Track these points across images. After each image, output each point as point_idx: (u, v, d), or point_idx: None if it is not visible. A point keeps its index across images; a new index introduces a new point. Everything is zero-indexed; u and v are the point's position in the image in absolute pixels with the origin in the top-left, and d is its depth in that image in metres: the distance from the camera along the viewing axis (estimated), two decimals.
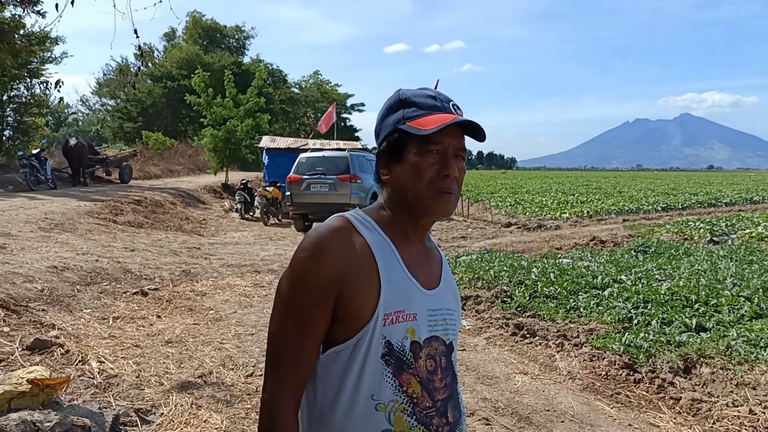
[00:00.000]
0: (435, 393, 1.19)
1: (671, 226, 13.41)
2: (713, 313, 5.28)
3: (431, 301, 1.23)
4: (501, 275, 6.96)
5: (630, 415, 3.80)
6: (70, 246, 7.83)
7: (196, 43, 47.51)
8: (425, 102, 1.22)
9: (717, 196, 25.09)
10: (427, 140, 1.18)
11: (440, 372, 1.20)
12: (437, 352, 1.21)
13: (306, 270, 1.14)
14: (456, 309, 1.32)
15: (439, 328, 1.23)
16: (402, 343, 1.15)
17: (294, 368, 1.14)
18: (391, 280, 1.17)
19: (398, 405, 1.14)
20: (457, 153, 1.22)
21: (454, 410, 1.22)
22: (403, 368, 1.15)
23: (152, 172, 24.88)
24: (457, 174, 1.21)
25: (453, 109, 1.22)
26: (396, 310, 1.15)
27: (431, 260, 1.31)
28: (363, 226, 1.21)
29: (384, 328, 1.14)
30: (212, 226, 14.10)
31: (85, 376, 3.81)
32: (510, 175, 71.77)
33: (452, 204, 1.22)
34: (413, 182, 1.20)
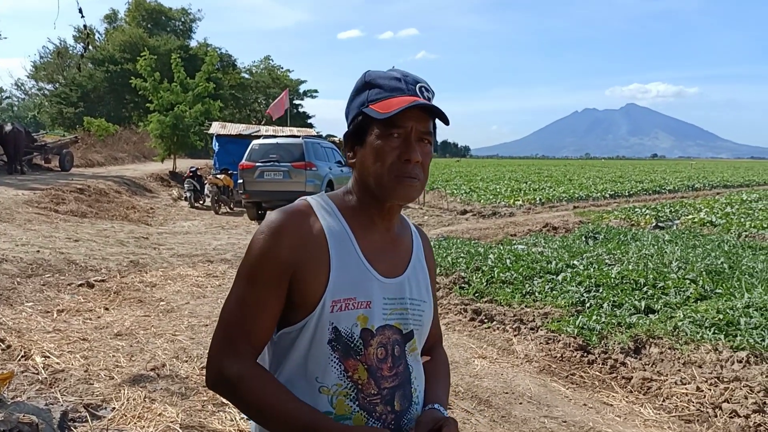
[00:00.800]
0: (382, 381, 1.18)
1: (619, 212, 13.88)
2: (661, 295, 5.48)
3: (390, 289, 1.22)
4: (458, 262, 7.02)
5: (585, 395, 3.90)
6: (8, 237, 7.42)
7: (139, 25, 45.74)
8: (389, 84, 1.19)
9: (661, 183, 26.19)
10: (389, 123, 1.16)
11: (391, 361, 1.20)
12: (390, 340, 1.20)
13: (262, 251, 1.16)
14: (426, 300, 1.30)
15: (395, 316, 1.22)
16: (351, 329, 1.16)
17: (242, 334, 1.16)
18: (343, 267, 1.17)
19: (342, 389, 1.16)
20: (421, 137, 1.19)
21: (402, 399, 1.21)
22: (350, 354, 1.16)
23: (95, 160, 23.83)
24: (421, 159, 1.18)
25: (419, 92, 1.19)
26: (346, 297, 1.16)
27: (398, 248, 1.29)
28: (324, 211, 1.21)
29: (332, 314, 1.15)
30: (160, 215, 13.66)
31: (28, 372, 3.61)
32: (464, 163, 72.68)
33: (415, 189, 1.20)
34: (374, 166, 1.18)
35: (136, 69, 20.09)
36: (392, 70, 1.23)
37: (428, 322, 1.31)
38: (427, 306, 1.30)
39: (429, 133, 1.20)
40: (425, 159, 1.19)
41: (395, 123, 1.16)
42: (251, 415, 1.18)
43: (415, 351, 1.26)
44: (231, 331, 1.17)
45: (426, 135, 1.19)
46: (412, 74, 1.23)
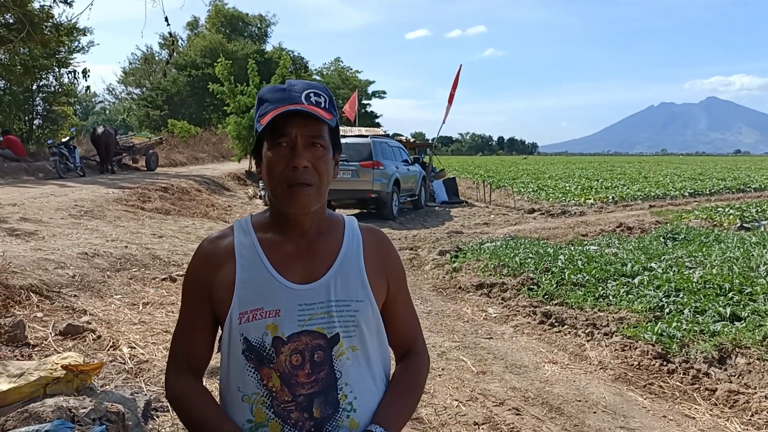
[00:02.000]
0: (297, 387, 1.19)
1: (700, 212, 13.11)
2: (748, 301, 5.13)
3: (305, 295, 1.23)
4: (527, 262, 6.87)
5: (664, 406, 3.72)
6: (100, 233, 7.95)
7: (218, 31, 47.71)
8: (273, 96, 1.22)
9: (746, 181, 24.45)
10: (274, 134, 1.19)
11: (309, 367, 1.20)
12: (308, 346, 1.20)
13: (186, 275, 1.32)
14: (362, 299, 1.26)
15: (316, 321, 1.22)
16: (262, 339, 1.20)
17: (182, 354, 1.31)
18: (248, 280, 1.23)
19: (259, 397, 1.21)
20: (310, 141, 1.20)
21: (323, 406, 1.20)
22: (264, 363, 1.21)
23: (178, 160, 25.15)
24: (309, 164, 1.19)
25: (305, 98, 1.20)
26: (253, 308, 1.21)
27: (315, 252, 1.28)
28: (241, 230, 1.30)
29: (240, 326, 1.20)
30: (237, 212, 14.20)
31: (116, 362, 3.86)
32: (531, 160, 70.98)
33: (307, 196, 1.21)
34: (268, 177, 1.22)
35: (215, 73, 20.98)
36: (283, 83, 1.26)
37: (369, 321, 1.27)
38: (364, 305, 1.26)
39: (318, 137, 1.21)
40: (317, 163, 1.20)
41: (280, 132, 1.19)
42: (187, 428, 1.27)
43: (345, 355, 1.23)
44: (174, 348, 1.33)
45: (315, 139, 1.20)
46: (304, 82, 1.26)
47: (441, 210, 15.68)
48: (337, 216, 1.38)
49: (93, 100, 55.64)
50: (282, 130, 1.19)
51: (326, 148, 1.24)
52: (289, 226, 1.28)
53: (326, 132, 1.24)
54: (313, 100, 1.22)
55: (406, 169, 13.54)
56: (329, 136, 1.25)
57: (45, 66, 20.19)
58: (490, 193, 18.37)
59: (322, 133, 1.23)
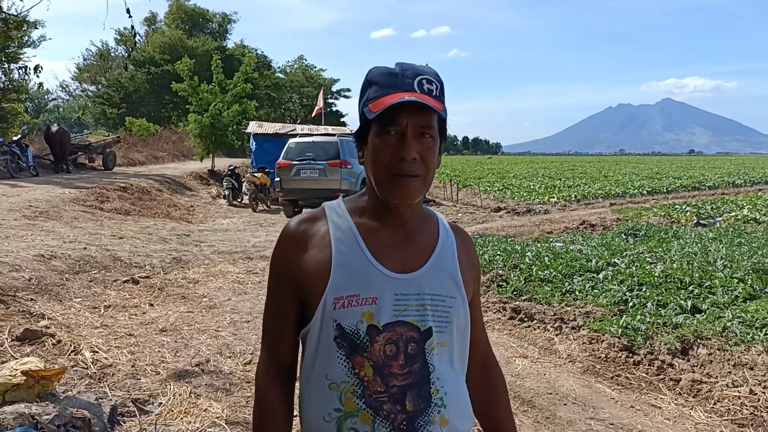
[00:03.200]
0: (391, 378, 1.15)
1: (658, 209, 13.54)
2: (707, 294, 5.31)
3: (402, 284, 1.19)
4: (495, 259, 6.95)
5: (631, 396, 3.81)
6: (57, 234, 7.67)
7: (178, 27, 46.67)
8: (385, 80, 1.16)
9: (700, 179, 25.41)
10: (383, 122, 1.14)
11: (403, 358, 1.15)
12: (402, 337, 1.16)
13: (273, 259, 1.26)
14: (455, 295, 1.24)
15: (411, 312, 1.18)
16: (356, 326, 1.15)
17: (269, 346, 1.27)
18: (346, 264, 1.18)
19: (349, 386, 1.15)
20: (420, 131, 1.15)
21: (416, 399, 1.15)
22: (356, 351, 1.16)
23: (136, 159, 24.48)
24: (417, 155, 1.14)
25: (418, 85, 1.15)
26: (349, 294, 1.16)
27: (414, 243, 1.25)
28: (335, 213, 1.25)
29: (334, 311, 1.16)
30: (200, 212, 13.94)
31: (78, 367, 3.72)
32: (496, 160, 72.02)
33: (413, 187, 1.17)
34: (373, 166, 1.18)
35: (176, 71, 20.52)
36: (396, 65, 1.20)
37: (459, 319, 1.24)
38: (457, 302, 1.23)
39: (429, 127, 1.16)
40: (425, 154, 1.16)
41: (389, 120, 1.13)
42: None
43: (436, 350, 1.20)
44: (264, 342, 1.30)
45: (425, 129, 1.15)
46: (415, 67, 1.19)
47: None
48: (429, 210, 1.35)
49: (45, 98, 53.73)
50: (392, 118, 1.13)
51: (435, 138, 1.18)
52: (389, 214, 1.23)
53: (436, 121, 1.18)
54: (425, 87, 1.16)
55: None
56: (438, 126, 1.19)
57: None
58: (457, 192, 18.53)
59: (432, 122, 1.17)
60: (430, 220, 1.32)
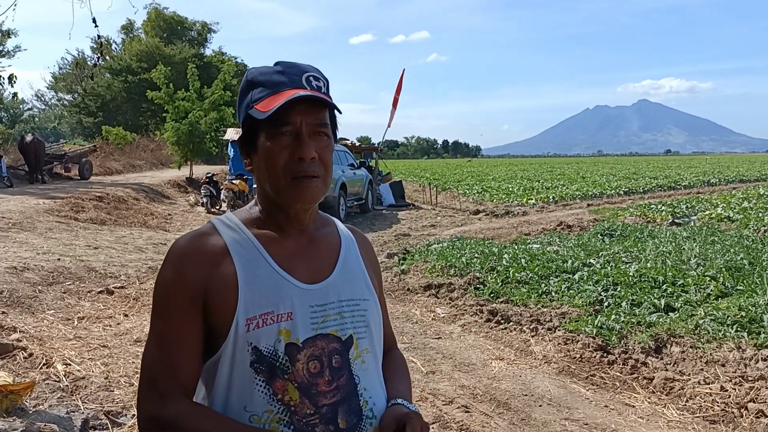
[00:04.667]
0: (319, 398, 1.07)
1: (634, 209, 13.73)
2: (681, 293, 5.40)
3: (315, 295, 1.12)
4: (473, 262, 6.99)
5: (606, 396, 3.85)
6: (30, 245, 7.54)
7: (156, 35, 46.23)
8: (271, 79, 1.11)
9: (676, 179, 25.84)
10: (275, 122, 1.07)
11: (328, 373, 1.08)
12: (324, 351, 1.09)
13: (168, 282, 1.09)
14: (368, 297, 1.19)
15: (329, 323, 1.11)
16: (274, 347, 1.06)
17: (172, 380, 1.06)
18: (254, 280, 1.08)
19: (273, 415, 1.05)
20: (315, 130, 1.10)
21: (348, 415, 1.09)
22: (276, 374, 1.06)
23: (113, 168, 24.17)
24: (317, 154, 1.09)
25: (306, 82, 1.11)
26: (262, 312, 1.06)
27: (318, 250, 1.19)
28: (227, 227, 1.15)
29: (248, 333, 1.05)
30: (178, 221, 13.79)
31: (50, 380, 3.66)
32: (475, 163, 72.48)
33: (315, 189, 1.11)
34: (268, 170, 1.10)
35: (152, 79, 20.32)
36: (276, 64, 1.15)
37: (376, 321, 1.20)
38: (370, 304, 1.19)
39: (323, 125, 1.12)
40: (323, 153, 1.11)
41: (282, 120, 1.07)
42: None
43: (360, 358, 1.14)
44: (154, 374, 1.07)
45: (320, 127, 1.11)
46: (299, 64, 1.15)
47: (388, 213, 15.75)
48: (325, 214, 1.30)
49: (20, 107, 52.77)
50: (285, 117, 1.07)
51: (330, 137, 1.14)
52: (287, 221, 1.16)
53: (328, 118, 1.14)
54: (314, 84, 1.12)
55: (352, 173, 13.52)
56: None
57: None
58: (436, 195, 18.60)
59: (326, 120, 1.13)
60: (328, 224, 1.27)
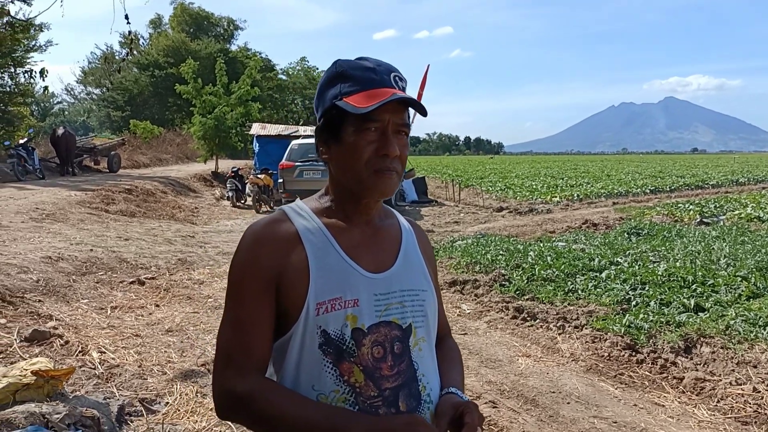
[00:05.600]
0: (382, 381, 1.12)
1: (661, 208, 13.52)
2: (711, 293, 5.32)
3: (380, 284, 1.18)
4: (498, 259, 6.97)
5: (635, 395, 3.82)
6: (63, 236, 7.73)
7: (183, 30, 46.82)
8: (363, 75, 1.15)
9: (703, 178, 25.31)
10: (364, 118, 1.13)
11: (391, 359, 1.14)
12: (387, 338, 1.15)
13: (243, 266, 1.15)
14: (426, 288, 1.25)
15: (392, 311, 1.17)
16: (341, 331, 1.12)
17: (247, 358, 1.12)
18: (324, 267, 1.14)
19: (340, 395, 1.11)
20: (398, 129, 1.16)
21: (408, 399, 1.14)
22: (343, 357, 1.11)
23: (141, 161, 24.62)
24: (398, 152, 1.15)
25: (393, 82, 1.16)
26: (331, 297, 1.12)
27: (382, 240, 1.24)
28: (297, 215, 1.20)
29: (318, 317, 1.11)
30: (204, 214, 13.99)
31: (86, 367, 3.76)
32: (498, 160, 71.94)
33: (393, 182, 1.17)
34: (352, 162, 1.15)
35: (180, 73, 20.61)
36: (364, 59, 1.19)
37: (432, 311, 1.25)
38: (428, 294, 1.24)
39: (405, 125, 1.17)
40: (402, 151, 1.17)
41: (371, 117, 1.12)
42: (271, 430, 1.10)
43: (418, 346, 1.19)
44: (229, 353, 1.13)
45: (402, 127, 1.17)
46: (384, 63, 1.19)
47: (411, 209, 15.76)
48: (387, 207, 1.34)
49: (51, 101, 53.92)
50: (375, 114, 1.12)
51: (408, 135, 1.20)
52: (356, 211, 1.21)
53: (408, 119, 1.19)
54: (400, 85, 1.17)
55: None
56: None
57: (0, 65, 19.48)
58: (459, 192, 18.54)
59: (408, 120, 1.18)
60: (391, 216, 1.32)
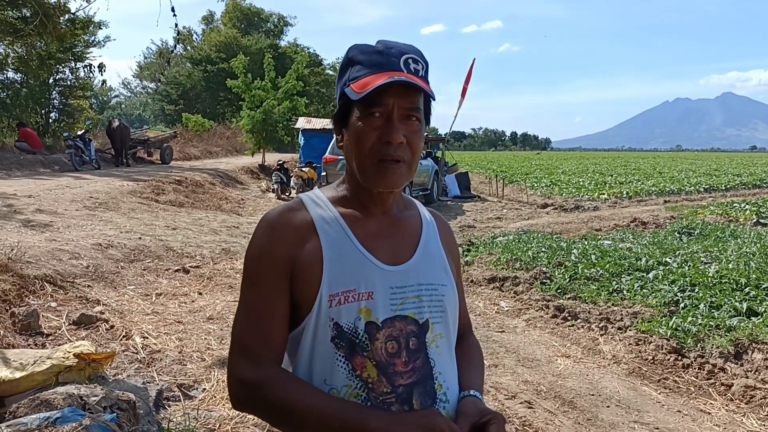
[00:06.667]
0: (396, 378, 1.07)
1: (715, 207, 12.94)
2: (765, 297, 5.05)
3: (396, 277, 1.12)
4: (539, 256, 6.82)
5: (679, 401, 3.67)
6: (114, 224, 8.01)
7: (234, 26, 47.80)
8: (369, 59, 1.09)
9: (762, 177, 24.03)
10: (368, 103, 1.07)
11: (405, 355, 1.09)
12: (402, 333, 1.10)
13: (258, 253, 1.12)
14: (446, 282, 1.19)
15: (408, 306, 1.11)
16: (354, 324, 1.07)
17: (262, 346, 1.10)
18: (339, 258, 1.10)
19: (352, 390, 1.07)
20: (406, 114, 1.09)
21: (423, 397, 1.09)
22: (356, 351, 1.07)
23: (192, 153, 25.30)
24: (404, 139, 1.08)
25: (404, 65, 1.08)
26: (345, 289, 1.08)
27: (400, 232, 1.19)
28: (313, 203, 1.16)
29: (330, 309, 1.07)
30: (250, 205, 14.26)
31: (129, 351, 3.89)
32: (545, 155, 70.54)
33: (399, 174, 1.10)
34: (356, 150, 1.10)
35: (231, 68, 21.04)
36: (378, 43, 1.13)
37: (453, 307, 1.20)
38: (448, 289, 1.18)
39: (415, 109, 1.10)
40: (412, 138, 1.09)
41: (375, 101, 1.06)
42: (284, 421, 1.07)
43: (435, 342, 1.14)
44: (244, 341, 1.11)
45: (412, 111, 1.09)
46: (399, 45, 1.12)
47: (453, 204, 15.62)
48: (408, 197, 1.29)
49: (108, 94, 56.10)
50: (378, 99, 1.07)
51: (421, 121, 1.12)
52: (372, 201, 1.17)
53: (422, 103, 1.12)
54: (412, 67, 1.10)
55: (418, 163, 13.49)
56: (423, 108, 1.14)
57: (61, 60, 20.37)
58: (502, 188, 18.26)
59: (418, 104, 1.11)
60: (411, 207, 1.27)
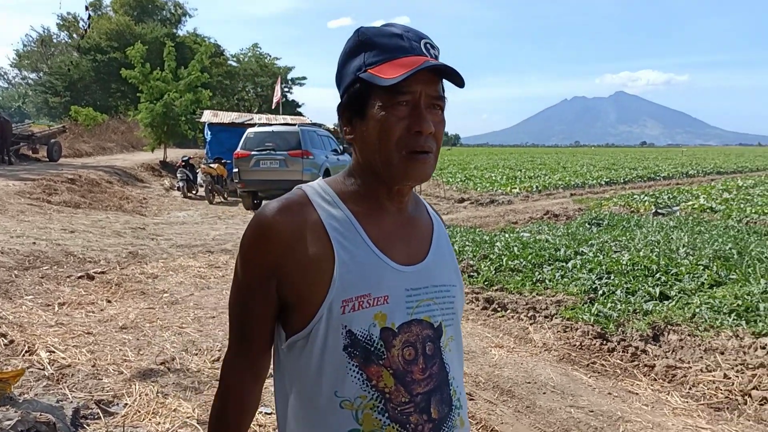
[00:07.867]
0: (414, 386, 1.01)
1: (618, 199, 13.88)
2: (674, 281, 5.42)
3: (411, 278, 1.05)
4: (465, 250, 6.92)
5: (608, 383, 3.82)
6: (2, 228, 7.22)
7: (126, 13, 44.90)
8: (390, 43, 1.01)
9: (655, 170, 26.23)
10: (393, 90, 0.99)
11: (422, 361, 1.02)
12: (419, 338, 1.03)
13: (245, 252, 1.05)
14: (456, 283, 1.13)
15: (423, 309, 1.05)
16: (369, 331, 1.00)
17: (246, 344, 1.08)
18: (351, 260, 1.01)
19: (367, 401, 1.00)
20: (432, 103, 1.02)
21: (440, 405, 1.04)
22: (371, 360, 1.00)
23: (83, 150, 23.43)
24: (433, 129, 1.01)
25: (425, 50, 1.02)
26: (359, 294, 1.00)
27: (414, 231, 1.12)
28: (321, 199, 1.06)
29: (343, 316, 0.99)
30: (154, 205, 13.44)
31: (34, 368, 3.48)
32: (455, 151, 72.67)
33: (429, 165, 1.03)
34: (380, 142, 1.01)
35: (124, 58, 19.71)
36: (390, 25, 1.05)
37: (461, 308, 1.15)
38: (457, 290, 1.13)
39: (440, 98, 1.03)
40: (437, 128, 1.02)
41: (401, 89, 0.99)
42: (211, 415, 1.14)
43: (448, 346, 1.08)
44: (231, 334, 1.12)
45: (437, 100, 1.03)
46: (414, 29, 1.05)
47: None
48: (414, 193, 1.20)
49: None
50: (406, 86, 0.98)
51: (443, 110, 1.05)
52: (388, 197, 1.07)
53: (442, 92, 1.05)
54: (432, 53, 1.02)
55: (336, 158, 13.34)
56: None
57: None
58: None
59: (443, 93, 1.04)
60: (420, 204, 1.18)
